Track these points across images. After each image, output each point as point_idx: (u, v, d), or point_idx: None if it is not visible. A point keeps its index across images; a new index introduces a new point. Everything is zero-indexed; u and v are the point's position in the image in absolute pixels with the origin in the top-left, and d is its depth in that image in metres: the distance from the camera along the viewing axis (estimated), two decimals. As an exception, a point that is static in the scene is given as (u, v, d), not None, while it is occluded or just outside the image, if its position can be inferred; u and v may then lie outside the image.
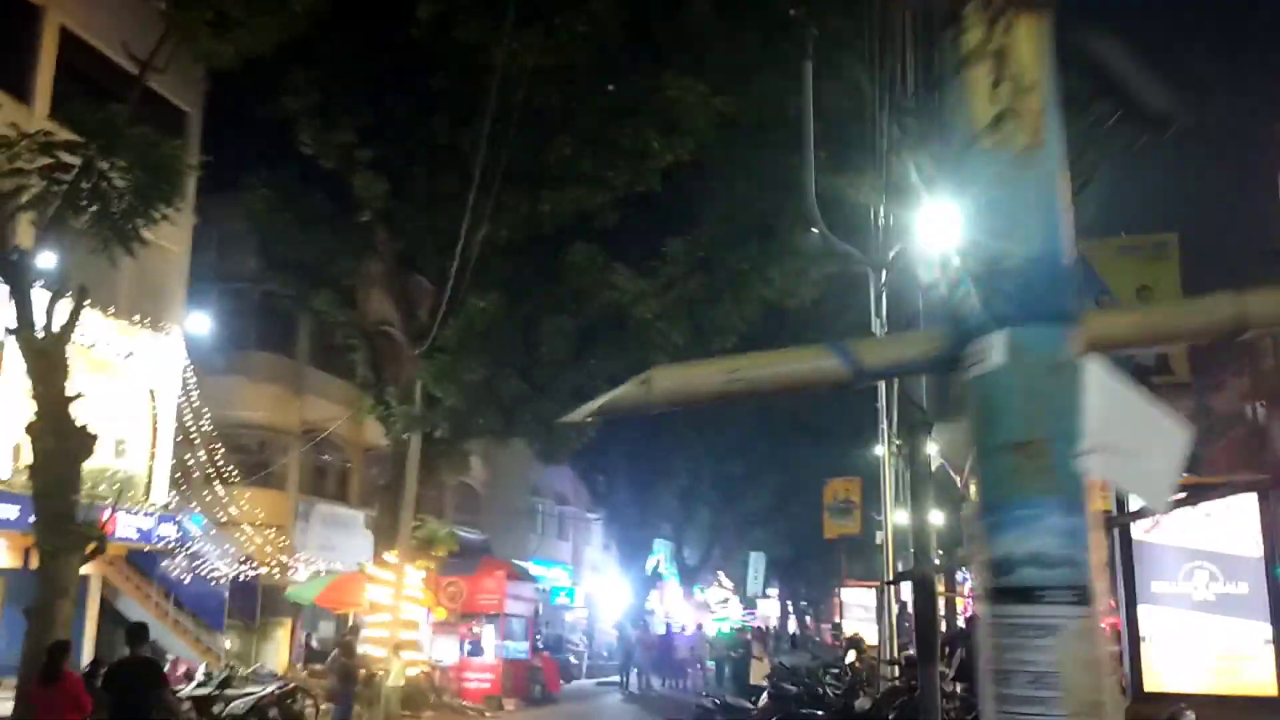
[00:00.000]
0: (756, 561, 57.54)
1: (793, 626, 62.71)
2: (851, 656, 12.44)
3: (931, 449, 9.94)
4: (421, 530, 21.19)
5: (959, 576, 19.44)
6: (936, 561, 19.27)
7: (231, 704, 16.26)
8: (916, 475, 7.63)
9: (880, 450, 13.93)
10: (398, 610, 20.30)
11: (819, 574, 78.51)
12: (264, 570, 21.59)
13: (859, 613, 30.93)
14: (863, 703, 9.85)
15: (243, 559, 21.11)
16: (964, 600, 21.09)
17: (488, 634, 25.18)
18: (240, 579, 21.23)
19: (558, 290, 20.57)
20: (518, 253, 21.42)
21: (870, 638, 30.57)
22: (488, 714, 21.90)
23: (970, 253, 2.42)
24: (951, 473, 7.27)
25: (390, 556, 20.77)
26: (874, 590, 31.60)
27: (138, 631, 10.44)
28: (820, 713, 9.09)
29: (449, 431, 20.72)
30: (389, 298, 22.58)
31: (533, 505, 40.09)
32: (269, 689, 16.37)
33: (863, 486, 30.35)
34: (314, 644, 24.74)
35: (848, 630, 31.24)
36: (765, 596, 62.79)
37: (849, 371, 2.64)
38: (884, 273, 14.42)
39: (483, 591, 24.28)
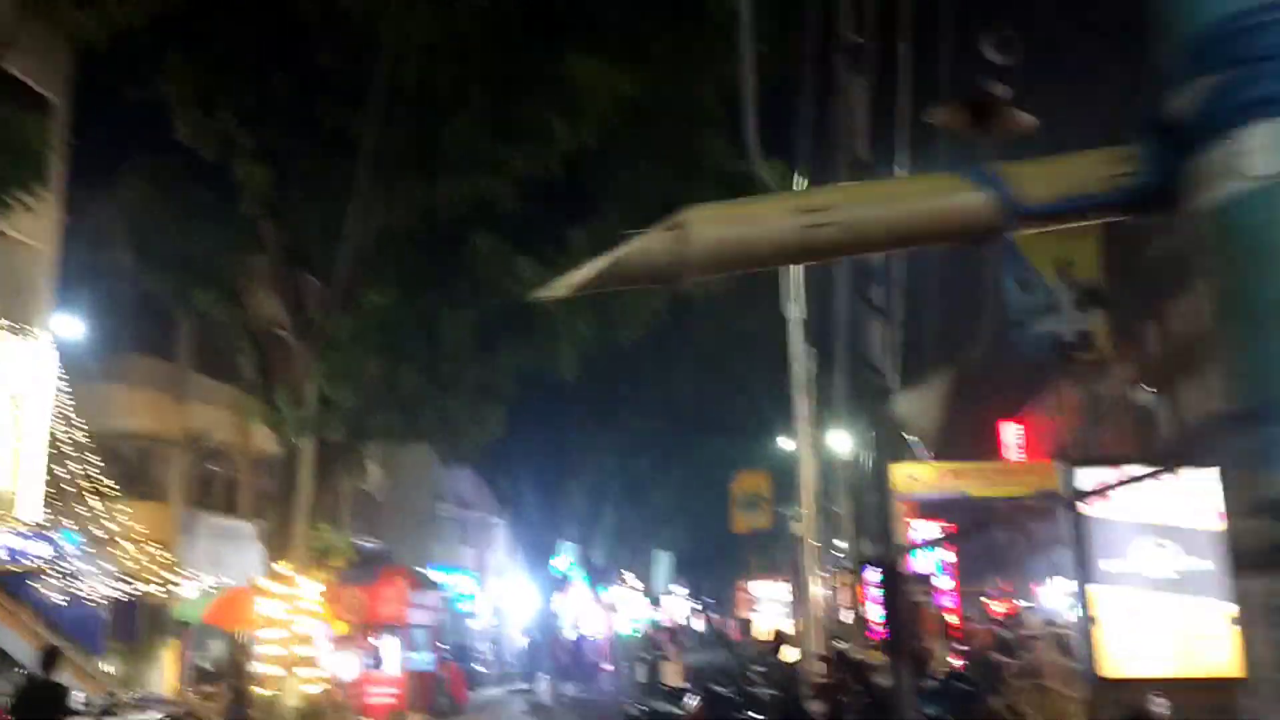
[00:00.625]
0: (661, 560, 57.22)
1: (698, 624, 62.62)
2: (795, 654, 11.81)
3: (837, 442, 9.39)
4: (317, 540, 20.00)
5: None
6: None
7: (113, 736, 15.01)
8: (879, 445, 7.00)
9: (800, 426, 13.33)
10: (293, 625, 19.11)
11: (721, 570, 78.98)
12: (146, 589, 20.15)
13: (770, 606, 30.54)
14: (818, 707, 9.20)
15: (123, 577, 19.65)
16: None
17: (390, 646, 24.12)
18: (121, 599, 19.76)
19: (459, 282, 19.64)
20: (416, 244, 20.43)
21: (767, 629, 30.45)
22: (390, 731, 20.85)
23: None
24: (913, 444, 6.71)
25: (283, 569, 19.56)
26: (787, 584, 31.48)
27: (51, 655, 10.46)
28: (760, 717, 8.45)
29: (345, 434, 19.59)
30: (277, 295, 21.31)
31: (434, 510, 38.89)
32: (155, 716, 15.14)
33: (771, 480, 30.05)
34: (204, 664, 23.29)
35: (761, 626, 30.81)
36: (670, 594, 62.56)
37: (1000, 210, 1.81)
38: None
39: (384, 601, 23.21)
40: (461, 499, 41.63)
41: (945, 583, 28.85)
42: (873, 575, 35.14)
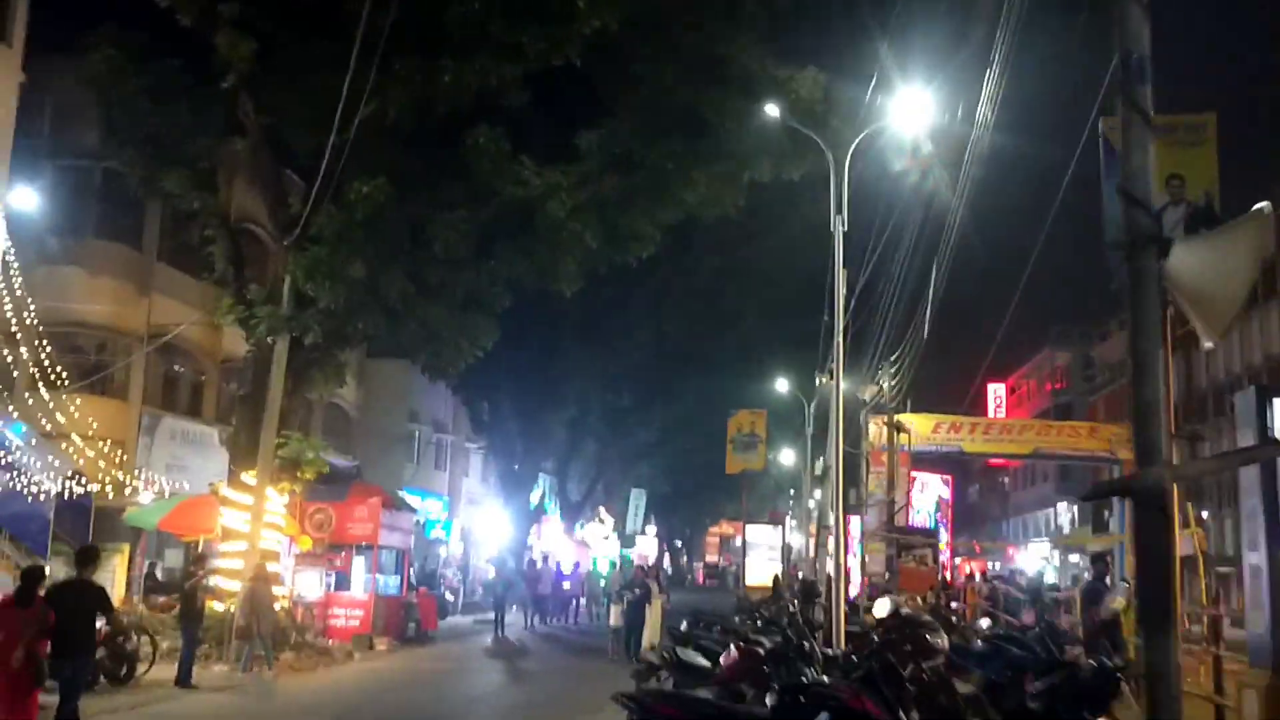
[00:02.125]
0: (638, 498, 56.36)
1: (667, 565, 62.00)
2: (885, 607, 10.14)
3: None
4: (286, 449, 18.55)
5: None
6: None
7: (45, 644, 13.58)
8: (1143, 304, 5.13)
9: (837, 350, 11.89)
10: (255, 538, 17.74)
11: (694, 512, 78.42)
12: (97, 488, 18.65)
13: (763, 552, 29.42)
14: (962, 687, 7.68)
15: (71, 474, 18.13)
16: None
17: (358, 567, 22.77)
18: (69, 497, 18.23)
19: (455, 182, 18.03)
20: (408, 138, 18.79)
21: (763, 576, 29.44)
22: (356, 654, 19.58)
23: None
24: (1192, 316, 5.09)
25: (248, 478, 18.15)
26: (778, 528, 30.54)
27: (87, 554, 10.35)
28: (826, 679, 7.10)
29: (322, 336, 18.05)
30: (255, 183, 19.64)
31: (409, 431, 37.39)
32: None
33: (767, 420, 28.84)
34: (158, 574, 21.87)
35: (753, 571, 29.60)
36: (643, 534, 61.79)
37: None
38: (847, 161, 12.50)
39: (354, 520, 21.79)
40: (437, 421, 40.15)
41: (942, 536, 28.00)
42: (855, 527, 33.79)
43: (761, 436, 29.59)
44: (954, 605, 20.72)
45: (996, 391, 68.06)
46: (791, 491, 64.71)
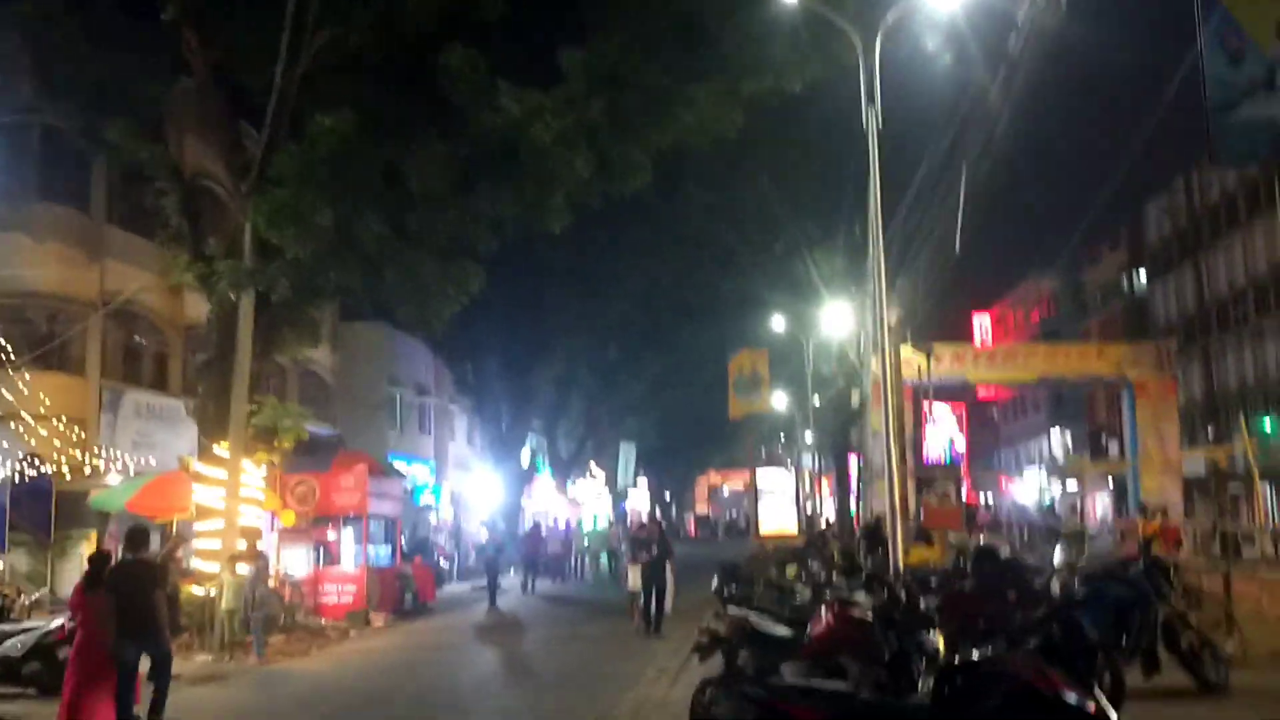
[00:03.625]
0: (628, 452, 55.11)
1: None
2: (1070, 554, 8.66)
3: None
4: (260, 416, 16.99)
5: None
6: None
7: (3, 644, 12.11)
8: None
9: (874, 264, 10.39)
10: (232, 515, 16.22)
11: (683, 464, 77.39)
12: (57, 470, 17.05)
13: (777, 498, 28.01)
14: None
15: (25, 457, 16.54)
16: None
17: (347, 539, 21.36)
18: (27, 482, 16.66)
19: (429, 113, 16.34)
20: (376, 71, 17.09)
21: (778, 524, 28.25)
22: (352, 631, 18.19)
23: None
24: None
25: (221, 450, 16.59)
26: (792, 472, 29.25)
27: (138, 535, 10.40)
28: (978, 653, 5.78)
29: (291, 291, 16.41)
30: (206, 127, 17.99)
31: (390, 395, 35.77)
32: (55, 623, 12.25)
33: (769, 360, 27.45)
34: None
35: (769, 519, 28.20)
36: (635, 487, 60.69)
37: None
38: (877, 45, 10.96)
39: (340, 490, 20.29)
40: (419, 384, 38.52)
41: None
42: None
43: (765, 377, 28.24)
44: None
45: (982, 322, 66.95)
46: (782, 436, 63.80)
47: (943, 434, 32.58)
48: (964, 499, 22.33)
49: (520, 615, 21.79)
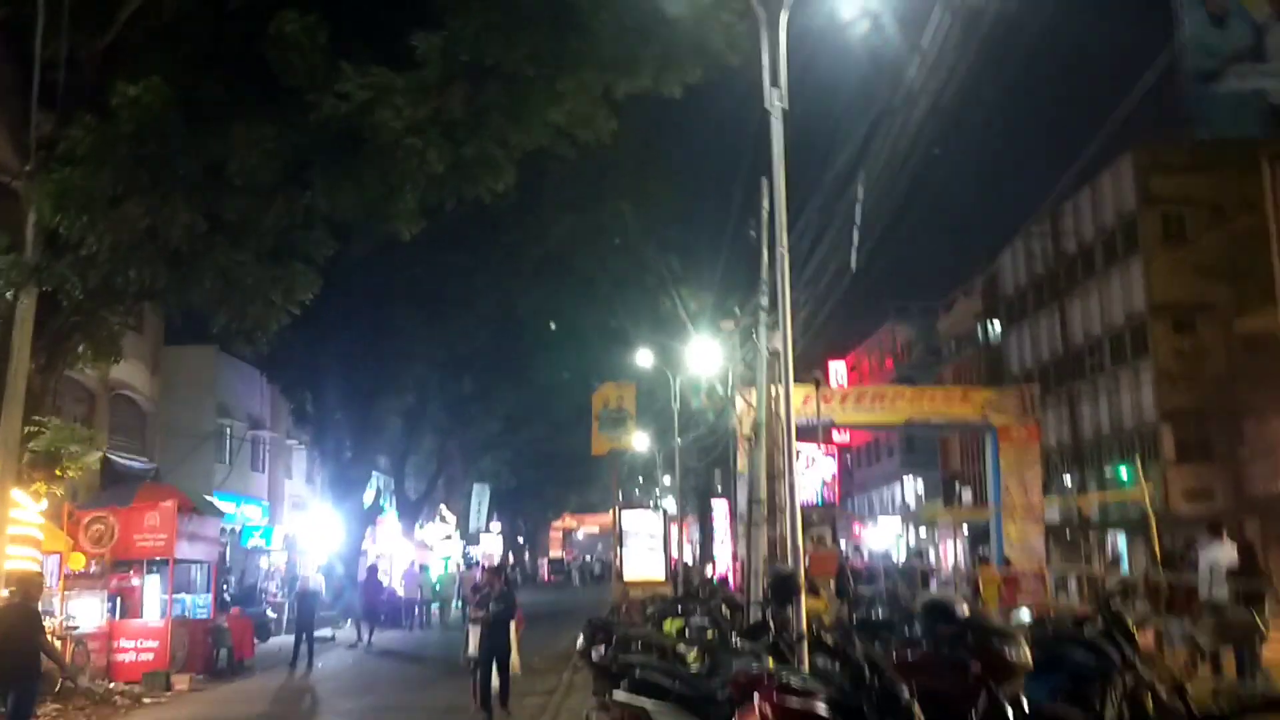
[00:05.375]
0: (480, 494, 52.76)
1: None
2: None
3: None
4: (40, 439, 14.29)
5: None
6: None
7: None
8: None
9: (777, 274, 8.80)
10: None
11: (538, 507, 74.98)
12: None
13: (644, 540, 26.17)
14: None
15: None
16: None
17: (151, 587, 18.57)
18: None
19: (257, 91, 14.14)
20: (194, 39, 14.80)
21: (644, 570, 26.41)
22: (146, 698, 15.48)
23: None
24: None
25: (-13, 478, 13.81)
26: (659, 513, 27.46)
27: (30, 582, 10.88)
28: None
29: (84, 292, 13.88)
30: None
31: (219, 428, 32.65)
32: None
33: (636, 393, 25.82)
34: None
35: (633, 565, 26.17)
36: (488, 531, 58.11)
37: None
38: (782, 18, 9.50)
39: (143, 530, 17.61)
40: (253, 416, 35.41)
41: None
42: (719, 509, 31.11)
43: (630, 412, 26.64)
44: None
45: (837, 369, 67.15)
46: (640, 479, 62.19)
47: (815, 475, 31.53)
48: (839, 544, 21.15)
49: (347, 678, 19.31)
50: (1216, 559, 12.66)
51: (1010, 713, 5.59)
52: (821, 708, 4.30)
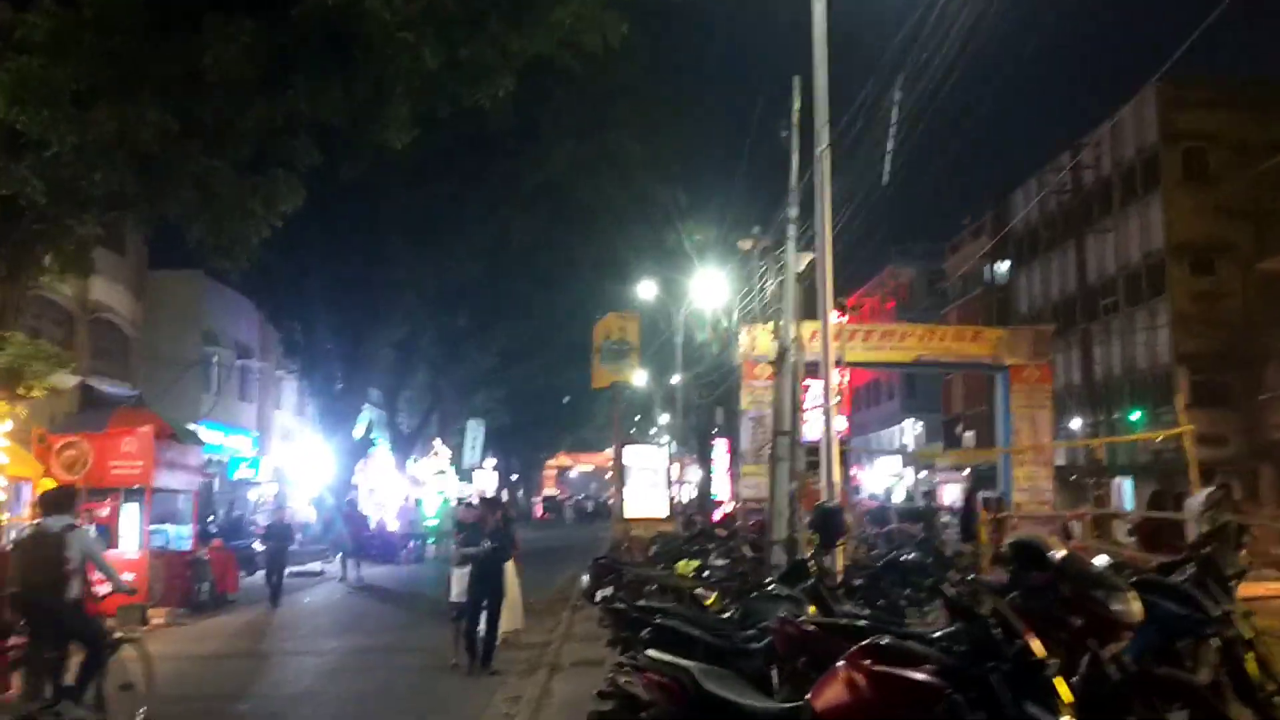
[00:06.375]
0: (475, 429, 51.82)
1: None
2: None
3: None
4: (1, 356, 13.27)
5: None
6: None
7: None
8: None
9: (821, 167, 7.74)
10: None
11: (531, 445, 74.29)
12: None
13: (646, 477, 25.29)
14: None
15: None
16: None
17: (129, 517, 17.64)
18: None
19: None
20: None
21: (646, 508, 25.58)
22: (118, 632, 14.60)
23: None
24: None
25: (-56, 397, 12.84)
26: (662, 449, 26.61)
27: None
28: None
29: (49, 198, 12.76)
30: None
31: (206, 356, 31.64)
32: None
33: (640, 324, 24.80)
34: None
35: (633, 502, 25.26)
36: (481, 467, 57.36)
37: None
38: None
39: (118, 456, 16.70)
40: (241, 345, 34.39)
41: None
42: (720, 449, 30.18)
43: (634, 344, 25.57)
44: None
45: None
46: (637, 418, 61.41)
47: (820, 412, 30.60)
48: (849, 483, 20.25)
49: (331, 615, 18.57)
50: (1193, 502, 11.97)
51: (1114, 677, 4.67)
52: (931, 679, 3.35)
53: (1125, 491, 37.34)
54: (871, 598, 8.75)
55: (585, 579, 9.78)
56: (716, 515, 25.83)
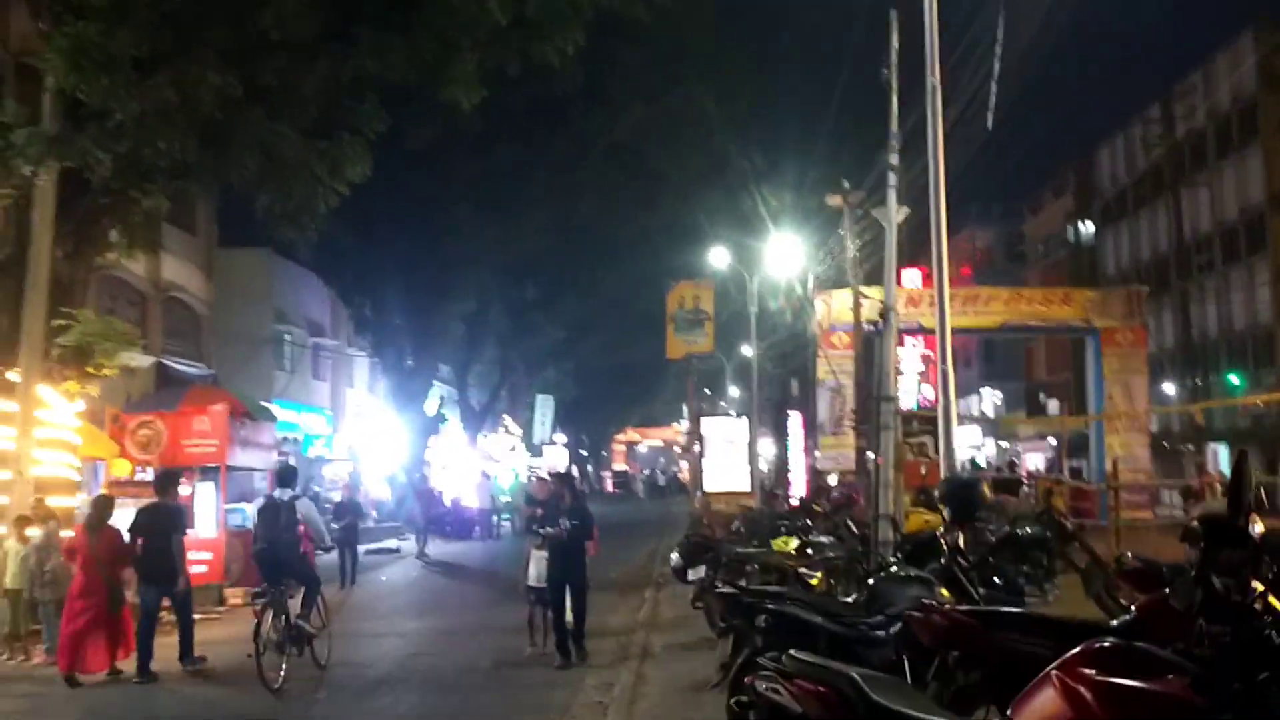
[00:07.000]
0: (545, 404, 51.66)
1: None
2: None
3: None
4: (70, 334, 12.97)
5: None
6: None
7: None
8: None
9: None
10: (23, 461, 12.25)
11: (600, 419, 73.99)
12: None
13: (725, 449, 24.56)
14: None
15: None
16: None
17: (204, 496, 17.41)
18: None
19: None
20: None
21: (727, 481, 24.85)
22: (197, 615, 14.33)
23: None
24: None
25: (14, 375, 12.57)
26: (743, 419, 25.84)
27: (167, 478, 11.11)
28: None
29: (112, 168, 12.39)
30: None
31: (278, 335, 31.58)
32: None
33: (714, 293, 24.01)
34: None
35: (715, 476, 24.59)
36: (552, 443, 57.17)
37: None
38: None
39: (192, 435, 16.42)
40: (312, 323, 34.31)
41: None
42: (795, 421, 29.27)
43: (709, 313, 24.85)
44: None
45: (911, 277, 64.33)
46: (707, 391, 60.63)
47: (911, 379, 29.64)
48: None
49: (408, 595, 18.20)
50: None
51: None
52: (1181, 694, 2.60)
53: (1221, 458, 35.75)
54: (984, 576, 7.98)
55: (674, 557, 9.11)
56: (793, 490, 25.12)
